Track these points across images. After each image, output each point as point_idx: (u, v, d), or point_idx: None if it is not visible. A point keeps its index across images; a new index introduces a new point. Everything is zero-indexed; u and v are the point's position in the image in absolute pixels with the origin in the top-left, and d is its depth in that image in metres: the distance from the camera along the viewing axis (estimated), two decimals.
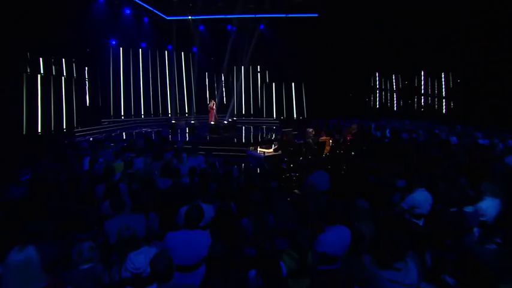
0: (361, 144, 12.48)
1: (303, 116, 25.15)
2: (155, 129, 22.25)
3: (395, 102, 24.82)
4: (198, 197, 5.36)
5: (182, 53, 27.19)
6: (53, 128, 16.91)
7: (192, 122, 20.88)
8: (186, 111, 27.37)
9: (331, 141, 12.04)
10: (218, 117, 20.51)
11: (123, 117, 24.77)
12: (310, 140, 10.92)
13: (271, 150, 11.06)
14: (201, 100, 27.62)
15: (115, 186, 5.72)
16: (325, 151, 11.45)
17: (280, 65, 24.37)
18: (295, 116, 25.39)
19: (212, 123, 19.42)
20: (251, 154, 11.49)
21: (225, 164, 8.09)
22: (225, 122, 21.11)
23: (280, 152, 10.88)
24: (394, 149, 12.33)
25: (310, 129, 11.74)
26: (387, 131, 16.10)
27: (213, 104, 19.80)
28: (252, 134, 19.93)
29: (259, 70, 26.64)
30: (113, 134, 18.73)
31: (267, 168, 10.54)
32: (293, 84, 25.51)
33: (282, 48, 23.95)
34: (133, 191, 6.21)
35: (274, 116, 25.74)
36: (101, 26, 20.96)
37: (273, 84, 25.91)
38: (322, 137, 12.12)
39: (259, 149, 11.41)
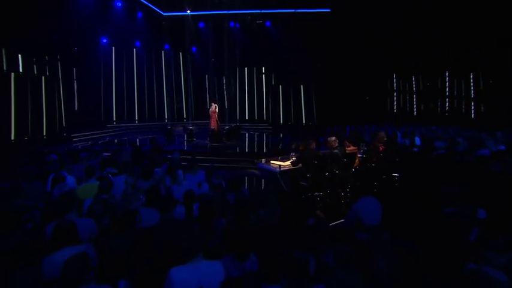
0: (394, 155, 10.47)
1: (313, 121, 23.14)
2: (150, 136, 20.27)
3: (415, 105, 22.83)
4: (198, 248, 3.32)
5: (180, 53, 25.28)
6: (30, 135, 14.89)
7: (191, 127, 18.88)
8: (185, 116, 25.38)
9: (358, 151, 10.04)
10: (220, 123, 18.49)
11: (115, 123, 22.78)
12: (337, 151, 8.91)
13: (288, 163, 9.03)
14: (201, 104, 25.66)
15: (69, 228, 3.69)
16: (355, 164, 9.43)
17: (288, 65, 22.43)
18: (304, 121, 23.36)
19: (213, 128, 17.42)
20: (263, 168, 9.46)
21: (235, 185, 6.04)
22: (228, 127, 19.10)
23: (298, 165, 8.86)
24: (429, 160, 10.44)
25: (333, 138, 9.74)
26: (416, 138, 14.11)
27: (215, 108, 17.82)
28: (258, 141, 17.91)
29: (263, 72, 24.68)
30: (99, 142, 16.70)
31: (284, 187, 8.51)
32: (302, 86, 23.54)
33: (290, 47, 22.03)
34: (103, 230, 4.22)
35: (281, 121, 23.72)
36: (89, 20, 19.03)
37: (280, 86, 23.93)
38: (347, 146, 10.12)
39: (272, 162, 9.38)
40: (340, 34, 20.59)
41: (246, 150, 15.59)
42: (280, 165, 8.81)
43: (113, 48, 22.65)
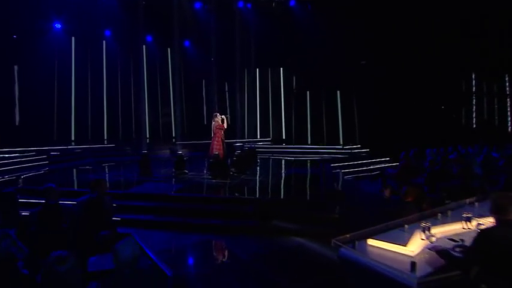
0: None
1: (354, 142, 16.99)
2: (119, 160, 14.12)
3: (509, 116, 16.78)
4: None
5: (168, 48, 19.29)
6: None
7: (180, 152, 12.64)
8: (173, 134, 19.18)
9: None
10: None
11: (73, 143, 16.62)
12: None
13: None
14: (196, 117, 19.54)
15: None
16: None
17: (319, 63, 16.46)
18: (341, 142, 17.23)
19: (216, 153, 11.31)
20: (359, 263, 3.41)
21: None
22: (238, 151, 12.98)
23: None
24: None
25: None
26: None
27: (221, 121, 11.78)
28: (298, 178, 11.93)
29: (282, 73, 18.70)
30: (22, 177, 10.63)
31: None
32: (338, 92, 17.48)
33: (323, 37, 16.09)
34: None
35: (309, 141, 17.60)
36: None
37: (307, 93, 17.88)
38: None
39: (385, 245, 3.37)
40: (394, 17, 14.75)
41: (284, 198, 9.56)
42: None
43: (72, 38, 16.66)
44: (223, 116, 11.92)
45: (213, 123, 11.84)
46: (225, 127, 11.84)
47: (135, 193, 9.44)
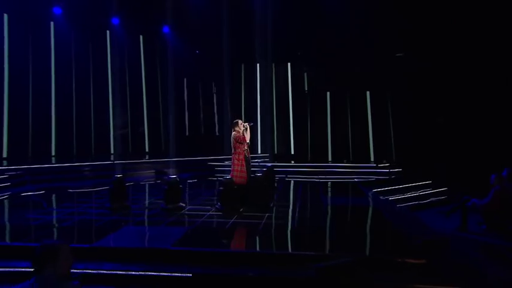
0: None
1: (390, 158, 13.34)
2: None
3: None
4: None
5: (141, 36, 15.11)
6: None
7: (173, 177, 8.41)
8: (147, 149, 14.86)
9: None
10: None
11: (5, 163, 12.08)
12: None
13: None
14: (177, 126, 15.37)
15: None
16: None
17: (340, 56, 12.85)
18: (372, 159, 13.56)
19: (239, 178, 7.41)
20: None
21: None
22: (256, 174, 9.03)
23: None
24: None
25: None
26: None
27: (244, 130, 7.86)
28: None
29: (290, 69, 14.95)
30: None
31: None
32: (368, 94, 13.87)
33: (346, 19, 12.54)
34: None
35: (329, 157, 13.81)
36: None
37: (327, 94, 14.16)
38: None
39: None
40: None
41: (367, 256, 5.59)
42: None
43: (4, 16, 12.21)
44: (246, 124, 7.88)
45: (233, 133, 7.82)
46: (247, 140, 7.80)
47: (109, 248, 5.31)
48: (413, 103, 12.65)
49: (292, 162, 14.25)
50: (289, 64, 15.03)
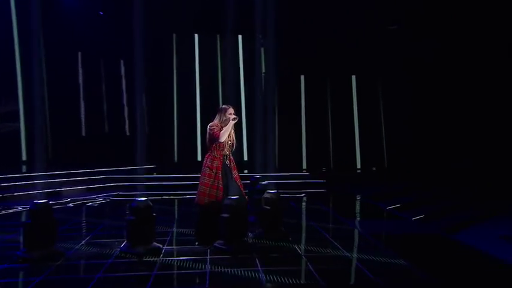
0: None
1: (380, 161, 10.53)
2: None
3: None
4: None
5: None
6: None
7: (143, 200, 4.48)
8: (23, 155, 9.70)
9: None
10: None
11: None
12: None
13: None
14: (69, 124, 10.58)
15: None
16: None
17: (316, 30, 9.75)
18: (358, 166, 10.66)
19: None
20: None
21: None
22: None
23: None
24: None
25: None
26: None
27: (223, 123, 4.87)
28: None
29: (241, 43, 11.27)
30: None
31: None
32: (354, 78, 11.05)
33: None
34: None
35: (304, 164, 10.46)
36: None
37: (302, 77, 10.68)
38: None
39: None
40: None
41: None
42: None
43: None
44: (233, 115, 4.88)
45: (209, 124, 4.97)
46: (222, 139, 4.80)
47: None
48: (412, 89, 9.99)
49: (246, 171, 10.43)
50: (240, 37, 11.10)
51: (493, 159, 9.60)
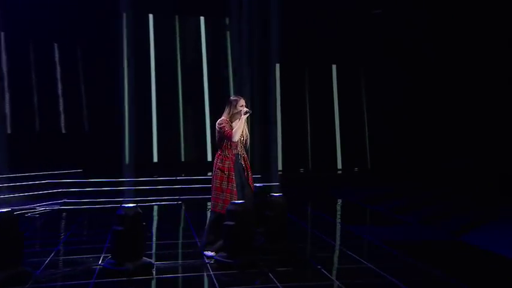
0: None
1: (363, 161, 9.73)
2: None
3: None
4: None
5: None
6: None
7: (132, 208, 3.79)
8: None
9: None
10: None
11: None
12: None
13: None
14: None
15: None
16: None
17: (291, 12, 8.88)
18: (340, 166, 9.87)
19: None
20: None
21: None
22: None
23: None
24: None
25: None
26: None
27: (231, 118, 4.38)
28: None
29: (203, 24, 10.06)
30: None
31: None
32: (334, 68, 10.27)
33: None
34: None
35: (280, 166, 9.40)
36: None
37: (277, 66, 9.83)
38: None
39: None
40: None
41: None
42: None
43: None
44: (246, 108, 4.38)
45: (218, 121, 4.49)
46: (234, 138, 4.33)
47: None
48: (398, 80, 9.22)
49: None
50: (202, 18, 9.72)
51: (489, 159, 9.11)
